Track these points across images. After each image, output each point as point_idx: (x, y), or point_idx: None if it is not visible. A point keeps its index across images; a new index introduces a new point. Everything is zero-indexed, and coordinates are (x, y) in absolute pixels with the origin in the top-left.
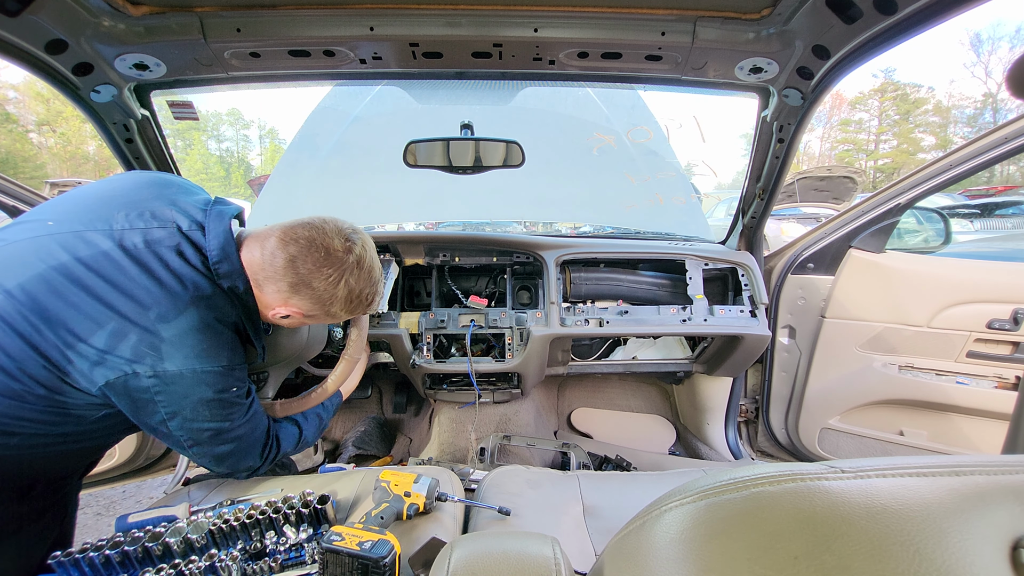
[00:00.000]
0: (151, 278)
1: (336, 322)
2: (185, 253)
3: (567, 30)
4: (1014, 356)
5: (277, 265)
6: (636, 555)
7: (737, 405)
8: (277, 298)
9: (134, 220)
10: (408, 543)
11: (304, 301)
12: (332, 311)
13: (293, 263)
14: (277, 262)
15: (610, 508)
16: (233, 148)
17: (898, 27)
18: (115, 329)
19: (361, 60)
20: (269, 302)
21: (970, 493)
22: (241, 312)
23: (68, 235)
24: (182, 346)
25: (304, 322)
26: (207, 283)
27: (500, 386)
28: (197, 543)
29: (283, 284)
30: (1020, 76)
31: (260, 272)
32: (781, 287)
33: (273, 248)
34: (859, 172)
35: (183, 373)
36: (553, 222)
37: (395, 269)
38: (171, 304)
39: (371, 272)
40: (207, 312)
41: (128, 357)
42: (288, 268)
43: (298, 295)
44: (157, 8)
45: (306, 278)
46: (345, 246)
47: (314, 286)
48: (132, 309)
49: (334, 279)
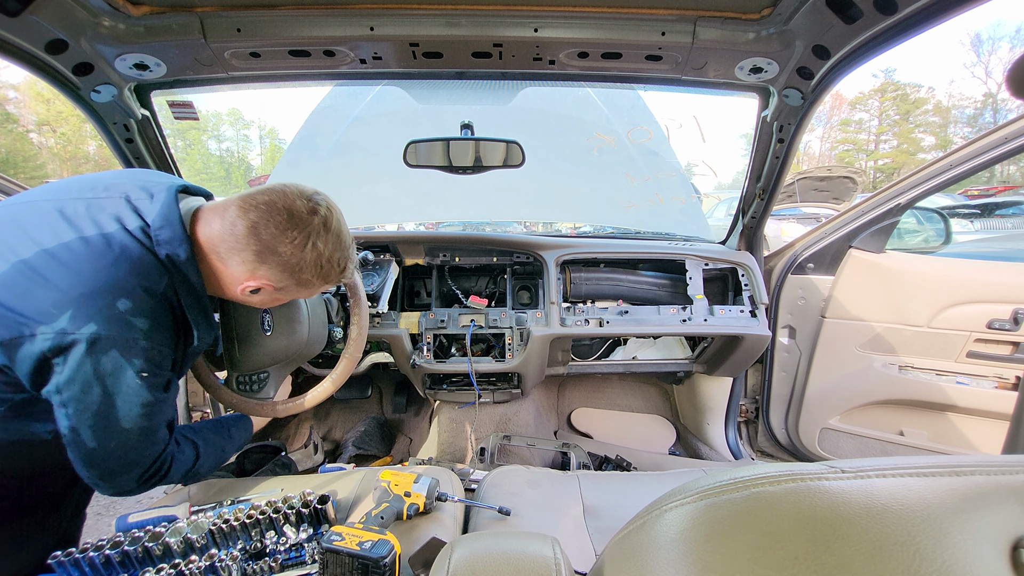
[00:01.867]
0: (79, 238)
1: (310, 294)
2: (124, 219)
3: (567, 30)
4: (1014, 356)
5: (239, 233)
6: (636, 555)
7: (737, 405)
8: (243, 270)
9: (85, 192)
10: (408, 543)
11: (272, 270)
12: (303, 279)
13: (255, 229)
14: (238, 230)
15: (610, 508)
16: (233, 148)
17: (898, 27)
18: (24, 286)
19: (361, 60)
20: (236, 275)
21: (970, 493)
22: (181, 287)
23: (19, 204)
24: (90, 306)
25: (277, 298)
26: (138, 247)
27: (500, 386)
28: (197, 543)
29: (248, 254)
30: (1020, 76)
31: (222, 244)
32: (781, 287)
33: (233, 217)
34: (859, 172)
35: (86, 336)
36: (553, 222)
37: (395, 269)
38: (90, 261)
39: (340, 236)
40: (131, 277)
41: (29, 314)
42: (251, 235)
43: (265, 264)
44: (157, 8)
45: (270, 244)
46: (308, 207)
47: (280, 251)
48: (47, 265)
49: (300, 242)
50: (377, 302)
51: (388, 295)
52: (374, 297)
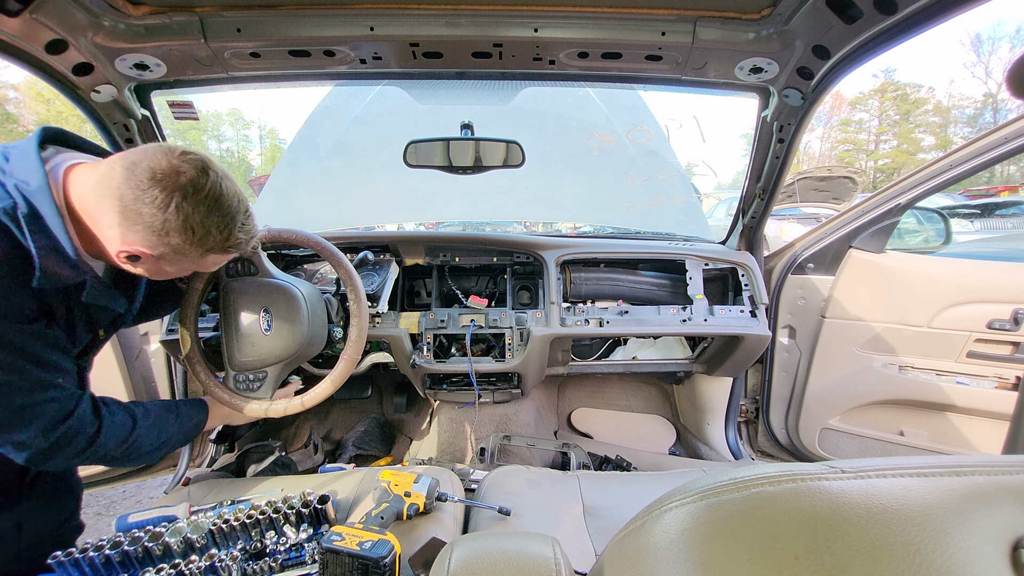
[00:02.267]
0: None
1: (201, 265)
2: None
3: (567, 30)
4: (1014, 356)
5: (104, 194)
6: (636, 555)
7: (737, 405)
8: (113, 234)
9: None
10: (408, 543)
11: (139, 234)
12: (175, 244)
13: (119, 190)
14: (104, 191)
15: (610, 508)
16: (233, 148)
17: (898, 27)
18: None
19: (361, 60)
20: (109, 238)
21: (970, 493)
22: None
23: None
24: None
25: (161, 268)
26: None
27: (500, 386)
28: (197, 543)
29: (113, 215)
30: (1020, 76)
31: (92, 206)
32: (781, 287)
33: (100, 176)
34: (859, 172)
35: None
36: (553, 222)
37: (395, 269)
38: None
39: (219, 200)
40: None
41: None
42: (114, 196)
43: (132, 228)
44: (157, 8)
45: (132, 205)
46: (172, 166)
47: (142, 212)
48: None
49: (161, 202)
50: (377, 302)
51: (388, 295)
52: (374, 297)
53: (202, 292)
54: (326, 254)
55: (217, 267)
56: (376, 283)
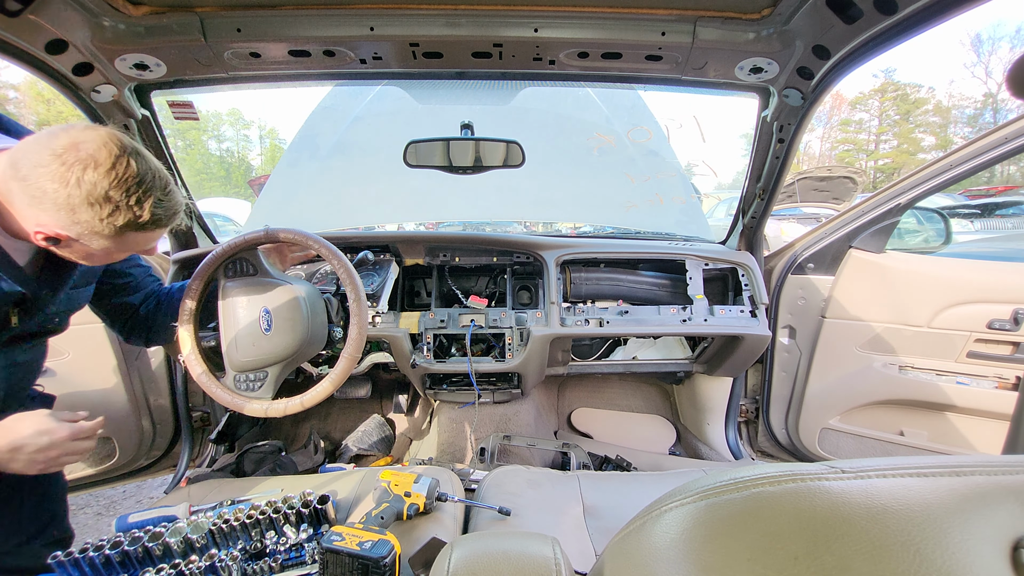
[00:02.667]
0: None
1: (121, 245)
2: None
3: (567, 30)
4: (1014, 356)
5: (11, 174)
6: (636, 555)
7: (737, 405)
8: (28, 215)
9: None
10: (408, 543)
11: (48, 213)
12: (85, 220)
13: (23, 169)
14: (11, 171)
15: (610, 508)
16: (233, 148)
17: (898, 27)
18: None
19: (361, 60)
20: (26, 219)
21: (971, 493)
22: None
23: None
24: None
25: (87, 249)
26: None
27: (500, 386)
28: (197, 543)
29: (24, 196)
30: (1020, 76)
31: (2, 186)
32: (781, 287)
33: (9, 157)
34: (859, 172)
35: None
36: (553, 222)
37: (395, 269)
38: None
39: (123, 173)
40: None
41: None
42: (19, 175)
43: (40, 208)
44: (157, 8)
45: (36, 182)
46: (71, 140)
47: (46, 189)
48: None
49: (60, 175)
50: (377, 302)
51: (388, 295)
52: (374, 297)
53: (201, 292)
54: (326, 254)
55: (147, 247)
56: (376, 283)
